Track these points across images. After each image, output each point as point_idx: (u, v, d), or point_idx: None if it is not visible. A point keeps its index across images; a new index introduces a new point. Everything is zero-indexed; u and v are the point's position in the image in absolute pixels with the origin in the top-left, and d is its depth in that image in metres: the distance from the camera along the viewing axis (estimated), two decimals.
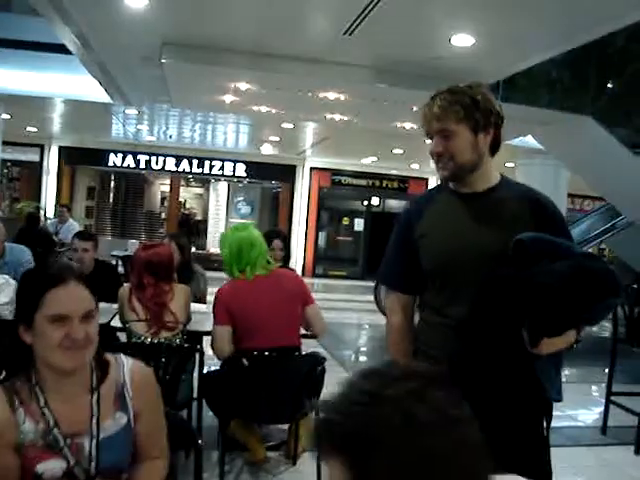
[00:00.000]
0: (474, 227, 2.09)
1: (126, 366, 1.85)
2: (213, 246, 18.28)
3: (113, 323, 4.07)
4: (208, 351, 4.05)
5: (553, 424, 2.20)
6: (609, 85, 11.04)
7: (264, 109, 9.53)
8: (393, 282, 2.35)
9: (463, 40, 6.05)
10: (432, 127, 2.09)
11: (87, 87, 9.46)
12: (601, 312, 2.02)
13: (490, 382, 2.01)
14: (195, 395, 4.09)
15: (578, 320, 1.95)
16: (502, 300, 1.93)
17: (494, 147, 2.14)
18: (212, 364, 4.29)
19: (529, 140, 10.82)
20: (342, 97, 8.27)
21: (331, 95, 8.20)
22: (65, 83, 9.88)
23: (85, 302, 1.72)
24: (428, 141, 2.17)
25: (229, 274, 3.85)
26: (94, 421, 1.73)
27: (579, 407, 6.14)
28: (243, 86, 8.04)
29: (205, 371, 4.08)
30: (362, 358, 9.06)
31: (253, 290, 3.74)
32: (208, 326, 3.97)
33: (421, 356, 2.23)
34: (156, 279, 3.84)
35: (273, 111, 9.66)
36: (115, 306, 4.11)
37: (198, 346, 4.02)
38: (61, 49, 8.20)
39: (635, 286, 10.76)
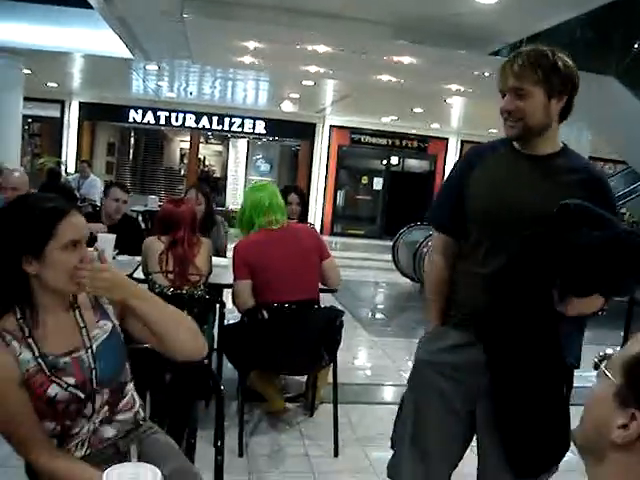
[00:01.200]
0: (523, 187, 2.12)
1: None
2: (232, 203, 18.34)
3: (135, 275, 4.16)
4: (228, 304, 4.14)
5: None
6: (635, 46, 10.83)
7: (285, 65, 9.50)
8: (440, 223, 2.38)
9: None
10: (508, 84, 2.09)
11: (108, 42, 9.45)
12: (630, 285, 2.08)
13: (514, 339, 2.07)
14: (215, 347, 4.19)
15: (607, 288, 1.98)
16: (537, 256, 1.97)
17: (563, 114, 2.15)
18: (232, 317, 4.37)
19: None
20: (358, 54, 8.22)
21: (350, 52, 8.15)
22: (85, 38, 9.86)
23: (85, 228, 1.83)
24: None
25: (246, 232, 3.91)
26: (84, 332, 1.86)
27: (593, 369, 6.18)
28: (263, 42, 8.01)
29: (225, 324, 4.17)
30: (379, 315, 9.16)
31: (270, 244, 3.80)
32: (228, 279, 4.04)
33: (453, 305, 2.27)
34: (188, 233, 3.94)
35: (294, 68, 9.63)
36: (138, 259, 4.19)
37: (219, 298, 4.11)
38: (81, 3, 8.19)
39: None
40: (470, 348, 2.16)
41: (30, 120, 16.87)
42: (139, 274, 4.08)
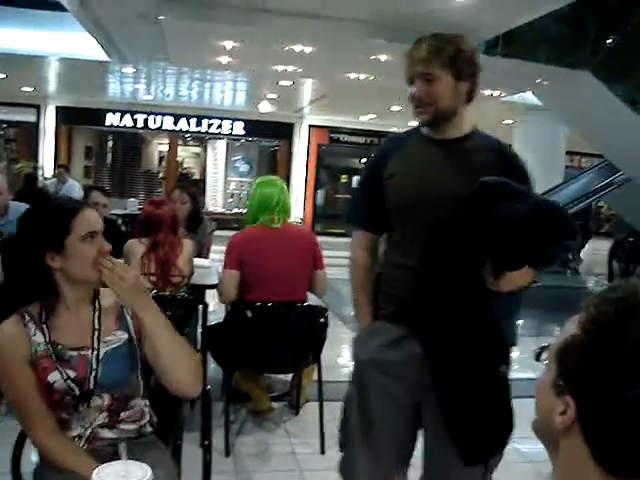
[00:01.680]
0: (441, 171, 2.15)
1: None
2: (212, 205, 18.29)
3: None
4: (211, 305, 4.13)
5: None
6: (608, 40, 10.97)
7: (262, 66, 9.49)
8: (358, 220, 2.39)
9: None
10: (415, 70, 2.12)
11: (83, 45, 9.39)
12: (558, 253, 2.09)
13: (449, 326, 2.08)
14: (198, 348, 4.18)
15: (537, 258, 2.02)
16: (458, 239, 2.01)
17: (469, 97, 2.19)
18: (214, 319, 4.37)
19: (527, 97, 10.80)
20: (335, 53, 8.24)
21: (327, 51, 8.17)
22: (60, 41, 9.79)
23: (100, 221, 1.98)
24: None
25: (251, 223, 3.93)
26: (96, 335, 1.94)
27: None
28: (239, 43, 8.00)
29: (208, 324, 4.16)
30: None
31: (266, 241, 3.83)
32: (211, 280, 4.04)
33: (383, 296, 2.28)
34: (169, 235, 3.95)
35: (271, 68, 9.62)
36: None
37: (201, 299, 4.11)
38: (56, 5, 8.12)
39: (631, 239, 10.85)
40: (407, 341, 2.16)
41: (5, 125, 16.73)
42: None
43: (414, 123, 2.27)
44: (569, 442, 1.00)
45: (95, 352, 1.92)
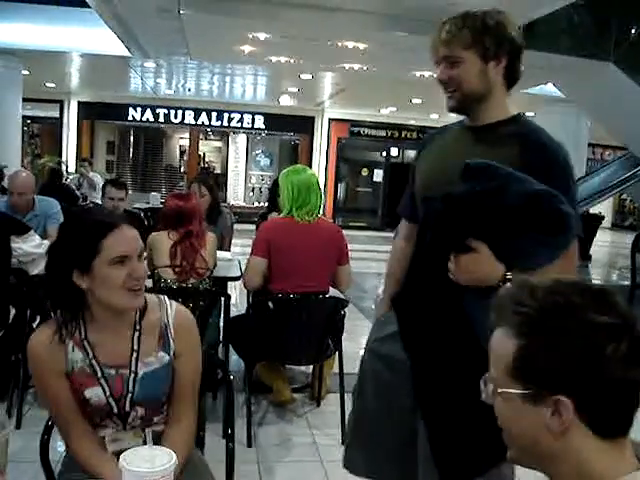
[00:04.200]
0: (458, 158, 1.87)
1: (170, 308, 1.95)
2: (234, 199, 18.38)
3: None
4: (233, 297, 4.17)
5: None
6: (632, 31, 10.81)
7: (283, 59, 9.51)
8: (400, 209, 2.35)
9: None
10: (439, 53, 1.96)
11: (105, 41, 9.47)
12: (526, 246, 1.74)
13: (428, 320, 1.95)
14: (221, 339, 4.23)
15: (498, 247, 1.75)
16: (429, 219, 1.87)
17: (510, 79, 1.98)
18: (236, 311, 4.41)
19: (549, 88, 10.70)
20: (360, 46, 8.23)
21: (349, 44, 8.17)
22: (83, 37, 9.88)
23: (138, 241, 1.82)
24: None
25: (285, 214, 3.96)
26: (134, 356, 1.85)
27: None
28: (261, 36, 8.03)
29: (231, 316, 4.20)
30: None
31: (294, 233, 3.86)
32: (233, 272, 4.08)
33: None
34: (196, 227, 4.00)
35: (291, 61, 9.64)
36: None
37: (224, 291, 4.15)
38: (78, 2, 8.21)
39: None
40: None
41: (29, 121, 16.89)
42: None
43: (435, 116, 2.22)
44: (568, 441, 0.99)
45: (132, 375, 1.84)
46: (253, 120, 17.74)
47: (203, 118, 17.60)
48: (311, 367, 4.57)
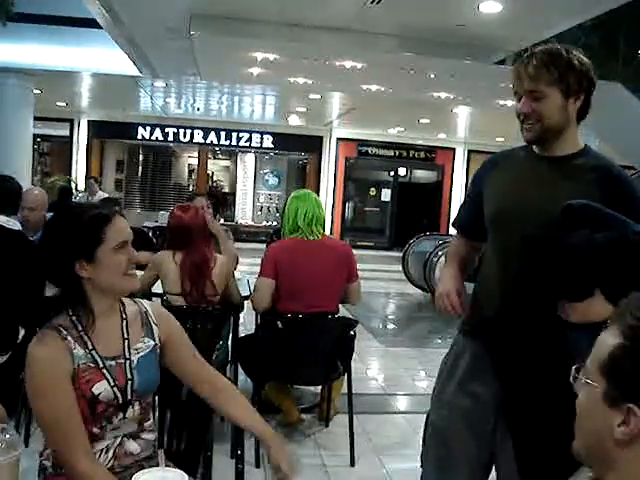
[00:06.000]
0: (542, 188, 2.05)
1: (142, 302, 2.09)
2: (242, 218, 18.42)
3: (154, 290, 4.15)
4: (241, 316, 4.16)
5: None
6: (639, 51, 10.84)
7: (292, 80, 9.56)
8: (456, 223, 2.47)
9: (490, 7, 6.02)
10: (523, 86, 2.04)
11: (115, 61, 9.55)
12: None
13: (524, 348, 2.02)
14: (230, 359, 4.21)
15: (612, 292, 1.77)
16: (535, 259, 1.90)
17: (581, 113, 2.10)
18: (244, 331, 4.40)
19: None
20: (365, 66, 8.27)
21: (358, 65, 8.21)
22: (93, 57, 9.97)
23: (129, 229, 1.95)
24: (508, 102, 2.12)
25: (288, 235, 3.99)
26: (126, 344, 1.94)
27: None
28: (271, 57, 8.08)
29: (239, 336, 4.20)
30: (390, 326, 9.16)
31: (301, 253, 3.87)
32: (241, 290, 4.07)
33: (470, 312, 2.26)
34: (201, 244, 3.94)
35: (301, 82, 9.69)
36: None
37: (232, 312, 4.13)
38: (89, 23, 8.29)
39: None
40: (485, 358, 2.12)
41: (40, 139, 17.01)
42: (158, 288, 4.07)
43: (442, 135, 2.26)
44: (633, 451, 1.00)
45: (128, 361, 1.92)
46: (262, 139, 17.83)
47: (212, 137, 17.70)
48: (319, 387, 4.55)
